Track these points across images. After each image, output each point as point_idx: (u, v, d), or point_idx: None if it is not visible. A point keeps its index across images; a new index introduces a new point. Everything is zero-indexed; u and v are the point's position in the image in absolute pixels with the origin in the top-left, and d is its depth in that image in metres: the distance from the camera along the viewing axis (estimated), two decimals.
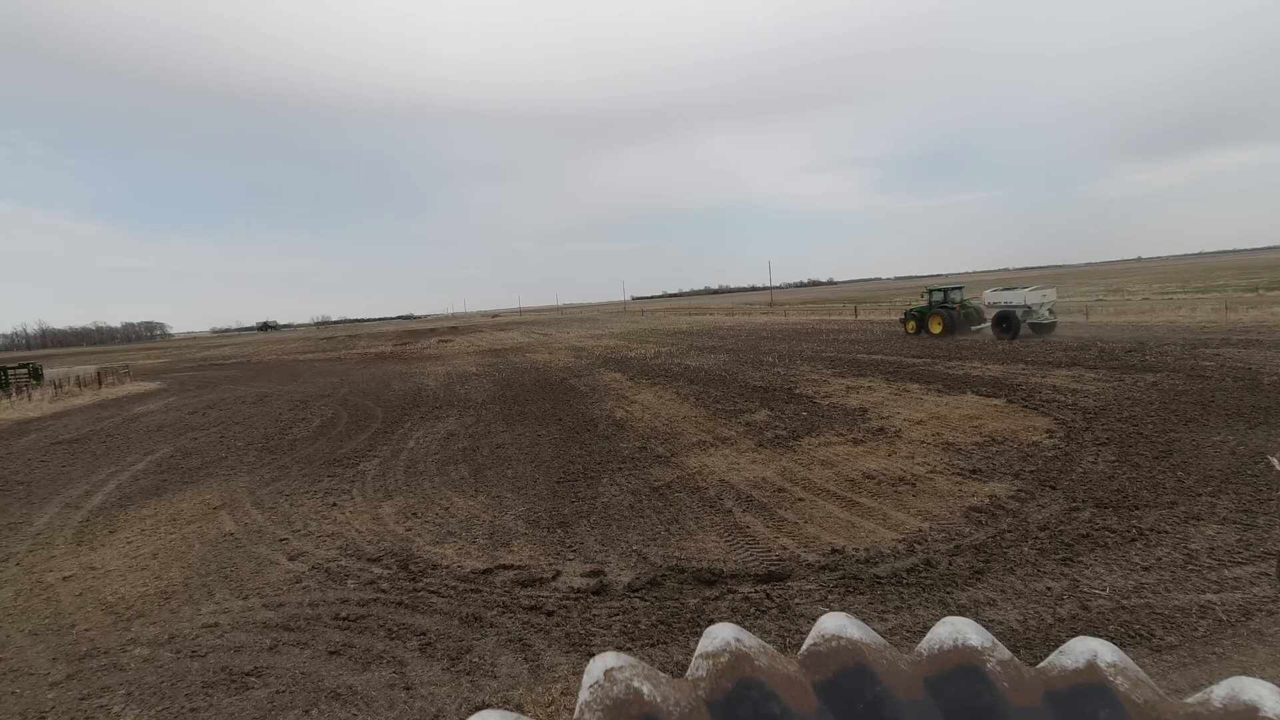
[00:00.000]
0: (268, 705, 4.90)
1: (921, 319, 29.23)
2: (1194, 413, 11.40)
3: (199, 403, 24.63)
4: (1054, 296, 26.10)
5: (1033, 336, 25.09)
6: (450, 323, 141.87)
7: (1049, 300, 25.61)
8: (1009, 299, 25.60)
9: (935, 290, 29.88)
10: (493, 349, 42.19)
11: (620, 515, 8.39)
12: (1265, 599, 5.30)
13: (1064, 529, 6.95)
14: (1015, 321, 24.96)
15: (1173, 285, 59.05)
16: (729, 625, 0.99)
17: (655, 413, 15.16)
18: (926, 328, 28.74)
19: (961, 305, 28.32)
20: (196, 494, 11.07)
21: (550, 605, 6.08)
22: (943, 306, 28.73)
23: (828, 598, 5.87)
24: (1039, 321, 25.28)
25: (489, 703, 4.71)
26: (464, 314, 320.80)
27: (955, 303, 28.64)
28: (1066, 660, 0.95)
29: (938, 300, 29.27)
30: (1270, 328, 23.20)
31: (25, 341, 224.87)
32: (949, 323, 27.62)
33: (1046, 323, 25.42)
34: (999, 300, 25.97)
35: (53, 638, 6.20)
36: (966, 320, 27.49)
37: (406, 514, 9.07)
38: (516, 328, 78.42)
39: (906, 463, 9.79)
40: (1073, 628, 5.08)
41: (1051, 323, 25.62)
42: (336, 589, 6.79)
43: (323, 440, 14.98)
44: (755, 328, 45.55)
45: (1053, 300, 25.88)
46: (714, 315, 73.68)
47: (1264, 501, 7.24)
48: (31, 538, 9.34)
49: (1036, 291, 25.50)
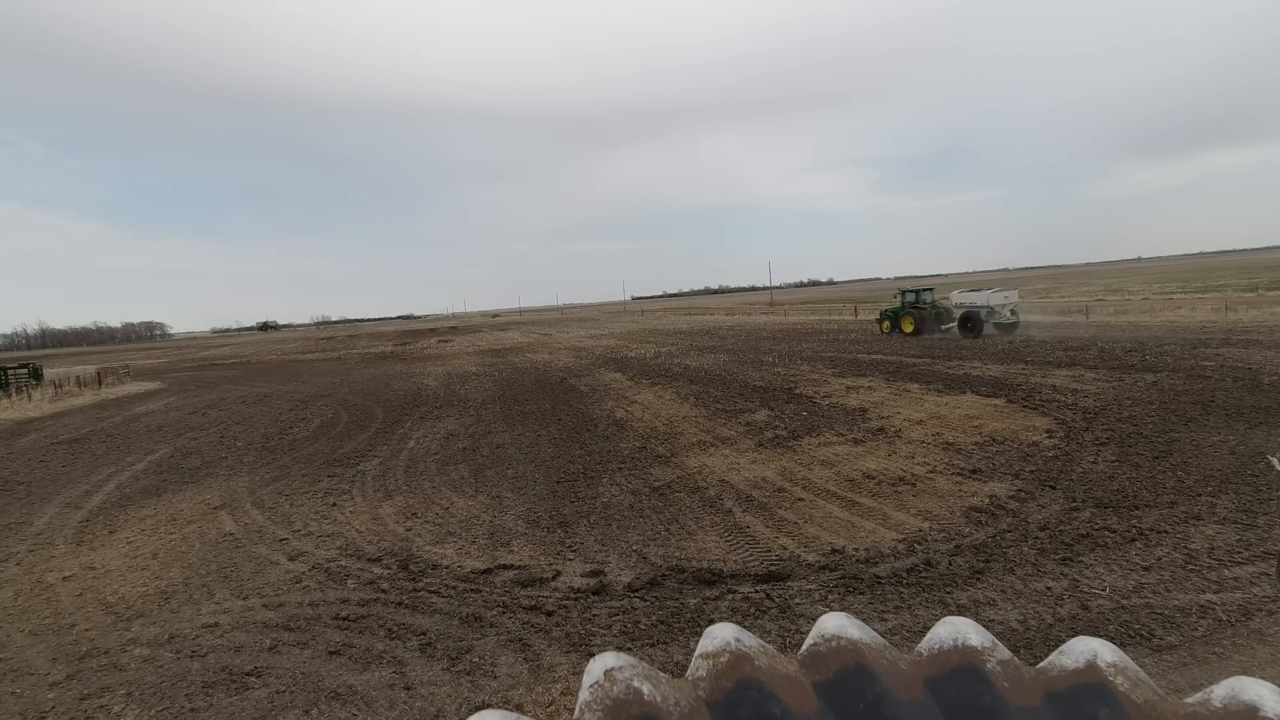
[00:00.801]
0: (268, 705, 4.90)
1: (895, 319, 30.96)
2: (1194, 413, 11.40)
3: (199, 403, 24.63)
4: (1016, 298, 28.02)
5: (997, 335, 26.89)
6: (450, 323, 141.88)
7: (1011, 301, 27.57)
8: (974, 300, 27.54)
9: (908, 292, 31.55)
10: (493, 349, 42.19)
11: (620, 515, 8.39)
12: (1265, 599, 5.30)
13: (1064, 529, 6.95)
14: (979, 321, 26.84)
15: (1173, 285, 59.05)
16: (729, 625, 0.99)
17: (655, 413, 15.16)
18: (899, 327, 30.46)
19: (932, 306, 29.84)
20: (196, 494, 11.07)
21: (550, 605, 6.08)
22: (914, 307, 30.33)
23: (828, 598, 5.87)
24: (1001, 321, 27.16)
25: (489, 703, 4.71)
26: (464, 314, 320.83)
27: (926, 304, 30.23)
28: (1066, 660, 0.95)
29: (910, 301, 30.89)
30: (1270, 328, 23.20)
31: (25, 341, 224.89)
32: (919, 322, 29.24)
33: (1009, 322, 27.26)
34: (965, 301, 27.91)
35: (53, 638, 6.20)
36: (936, 320, 29.03)
37: (406, 514, 9.08)
38: (516, 328, 78.42)
39: (906, 463, 9.79)
40: (1073, 628, 5.08)
41: (1014, 322, 27.44)
42: (336, 589, 6.79)
43: (323, 440, 14.98)
44: (755, 328, 45.55)
45: (1015, 301, 27.82)
46: (714, 315, 73.68)
47: (1264, 501, 7.25)
48: (32, 538, 9.34)
49: (999, 293, 27.43)
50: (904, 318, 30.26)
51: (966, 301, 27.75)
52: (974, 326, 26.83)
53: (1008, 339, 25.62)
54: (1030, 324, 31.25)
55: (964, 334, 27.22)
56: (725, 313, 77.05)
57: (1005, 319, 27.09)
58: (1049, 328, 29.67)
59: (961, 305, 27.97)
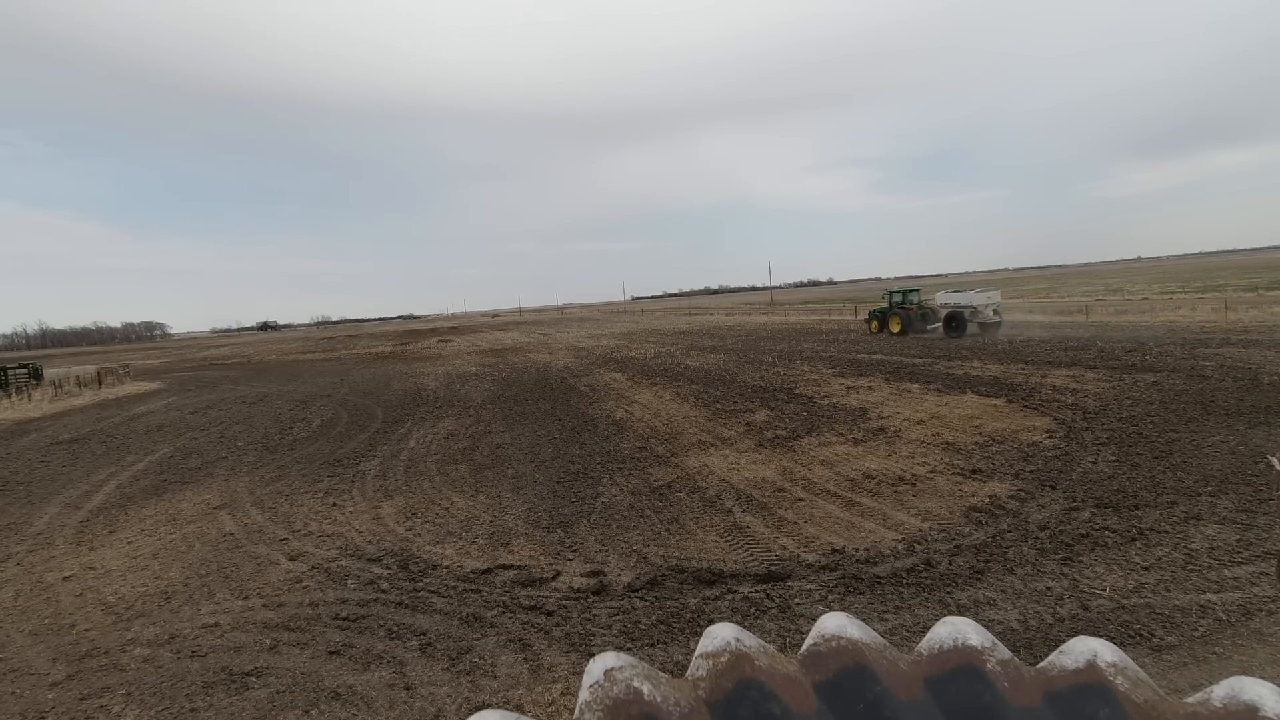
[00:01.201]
0: (268, 705, 4.90)
1: (883, 319, 31.83)
2: (1194, 413, 11.40)
3: (199, 403, 24.63)
4: (998, 298, 28.89)
5: (980, 334, 27.75)
6: (450, 323, 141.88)
7: (993, 302, 28.46)
8: (958, 300, 28.43)
9: (895, 292, 32.40)
10: (493, 349, 42.19)
11: (620, 515, 8.39)
12: (1265, 599, 5.30)
13: (1064, 529, 6.95)
14: (963, 320, 27.72)
15: (1173, 285, 59.04)
16: (729, 625, 0.99)
17: (655, 413, 15.16)
18: (887, 327, 31.34)
19: (918, 306, 30.81)
20: (196, 494, 11.07)
21: (550, 605, 6.08)
22: (901, 307, 31.20)
23: (828, 598, 5.87)
24: (984, 321, 28.05)
25: (489, 703, 4.71)
26: (464, 314, 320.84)
27: (912, 304, 31.20)
28: (1066, 660, 0.95)
29: (897, 301, 31.75)
30: (1270, 328, 23.21)
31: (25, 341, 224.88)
32: (906, 322, 30.09)
33: (991, 322, 28.14)
34: (949, 301, 28.81)
35: (53, 638, 6.20)
36: (922, 320, 29.90)
37: (406, 514, 9.07)
38: (516, 328, 78.42)
39: (906, 463, 9.79)
40: (1073, 628, 5.08)
41: (996, 322, 28.29)
42: (336, 589, 6.79)
43: (323, 440, 14.98)
44: (755, 328, 45.56)
45: (997, 302, 28.69)
46: (714, 315, 73.68)
47: (1264, 501, 7.25)
48: (32, 538, 9.34)
49: (982, 294, 28.37)
50: (891, 317, 31.08)
51: (951, 302, 28.60)
52: (958, 326, 27.71)
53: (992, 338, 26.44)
54: (1030, 324, 31.74)
55: (948, 333, 28.04)
56: (725, 313, 77.04)
57: (988, 319, 27.99)
58: (1049, 327, 29.92)
59: (946, 305, 28.80)
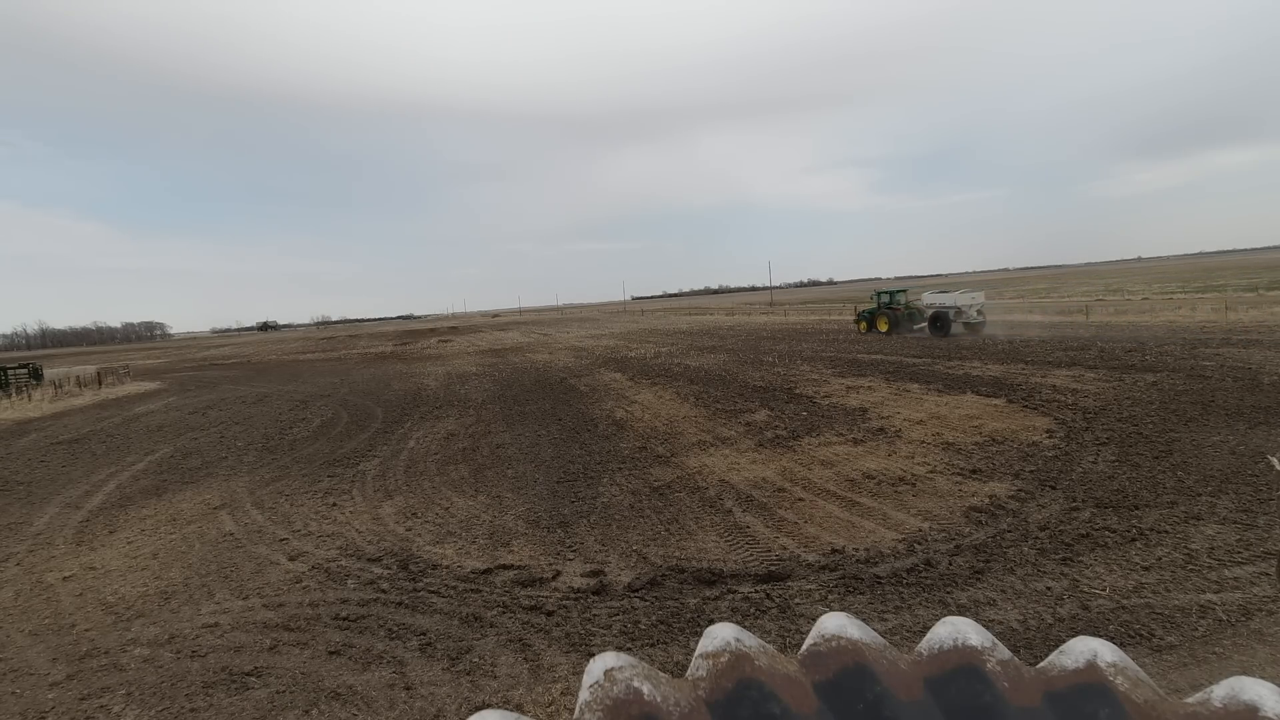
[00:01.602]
0: (268, 705, 4.90)
1: (871, 319, 32.67)
2: (1194, 413, 11.40)
3: (199, 403, 24.63)
4: (982, 299, 29.61)
5: (965, 334, 28.40)
6: (450, 323, 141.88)
7: (978, 302, 29.20)
8: (943, 301, 29.12)
9: (883, 293, 33.35)
10: (493, 349, 42.19)
11: (620, 515, 8.39)
12: (1265, 599, 5.30)
13: (1064, 529, 6.95)
14: (948, 321, 28.30)
15: (1173, 285, 59.04)
16: (729, 625, 0.99)
17: (655, 413, 15.16)
18: (875, 326, 32.18)
19: (905, 307, 31.68)
20: (196, 494, 11.07)
21: (550, 605, 6.08)
22: (888, 308, 32.13)
23: (828, 598, 5.87)
24: (969, 321, 28.76)
25: (489, 703, 4.71)
26: (464, 314, 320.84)
27: (899, 304, 32.09)
28: (1066, 660, 0.95)
29: (885, 302, 32.71)
30: (1270, 328, 23.20)
31: (25, 341, 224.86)
32: (893, 322, 30.96)
33: (975, 322, 28.86)
34: (935, 302, 29.50)
35: (53, 638, 6.20)
36: (909, 320, 30.79)
37: (406, 514, 9.07)
38: (516, 328, 78.42)
39: (906, 463, 9.79)
40: (1073, 628, 5.08)
41: (980, 322, 29.02)
42: (336, 589, 6.79)
43: (323, 440, 14.98)
44: (755, 328, 45.56)
45: (981, 302, 29.43)
46: (714, 315, 73.68)
47: (1264, 501, 7.25)
48: (32, 538, 9.34)
49: (966, 294, 29.16)
50: (879, 317, 31.87)
51: (936, 302, 29.26)
52: (943, 326, 28.30)
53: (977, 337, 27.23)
54: (1030, 324, 32.12)
55: (934, 333, 28.64)
56: (725, 313, 77.04)
57: (972, 319, 28.69)
58: (1049, 327, 30.06)
59: (931, 306, 29.43)
